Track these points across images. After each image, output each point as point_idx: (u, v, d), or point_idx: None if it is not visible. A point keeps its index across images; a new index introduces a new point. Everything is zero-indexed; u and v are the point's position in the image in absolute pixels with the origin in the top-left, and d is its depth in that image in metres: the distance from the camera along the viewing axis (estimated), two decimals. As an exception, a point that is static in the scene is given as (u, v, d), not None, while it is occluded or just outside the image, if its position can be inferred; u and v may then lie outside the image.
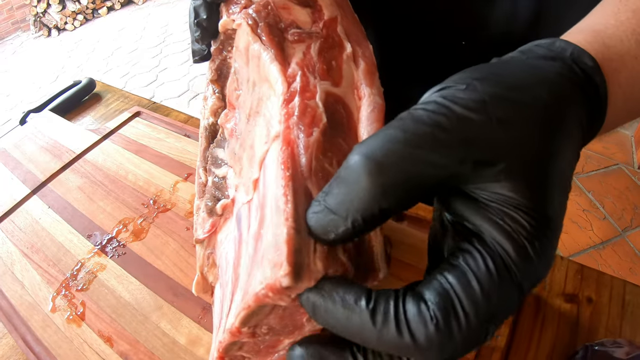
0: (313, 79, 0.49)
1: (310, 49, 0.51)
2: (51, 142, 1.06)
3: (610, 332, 0.67)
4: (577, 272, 0.74)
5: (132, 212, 0.86)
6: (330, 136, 0.46)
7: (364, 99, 0.49)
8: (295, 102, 0.47)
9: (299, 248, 0.38)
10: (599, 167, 3.04)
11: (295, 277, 0.38)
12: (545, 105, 0.35)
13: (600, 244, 2.55)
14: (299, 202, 0.41)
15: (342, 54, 0.52)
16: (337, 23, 0.54)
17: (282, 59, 0.50)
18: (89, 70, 5.06)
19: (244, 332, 0.47)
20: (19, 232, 0.87)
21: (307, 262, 0.39)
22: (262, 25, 0.52)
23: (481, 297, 0.32)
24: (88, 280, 0.76)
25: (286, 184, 0.42)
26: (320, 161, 0.44)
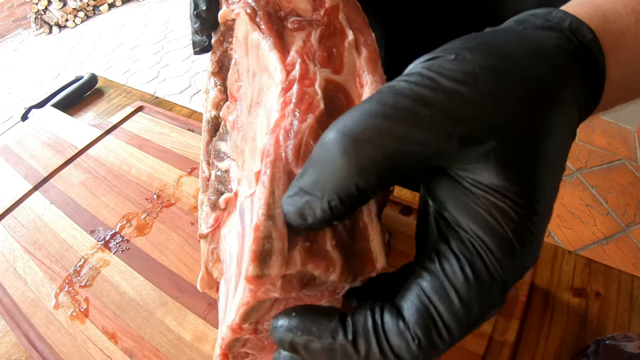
0: (313, 66, 0.48)
1: (311, 36, 0.51)
2: (53, 137, 1.06)
3: (619, 327, 0.66)
4: (585, 266, 0.74)
5: (135, 207, 0.85)
6: (327, 123, 0.45)
7: (366, 86, 0.48)
8: (294, 90, 0.46)
9: (268, 234, 0.38)
10: (602, 162, 3.04)
11: (261, 264, 0.37)
12: (541, 79, 0.33)
13: (603, 239, 2.55)
14: (275, 188, 0.40)
15: (343, 42, 0.51)
16: (339, 10, 0.54)
17: (282, 47, 0.50)
18: (91, 67, 5.05)
19: (246, 329, 0.47)
20: (21, 229, 0.86)
21: (280, 247, 0.38)
22: (260, 13, 0.52)
23: (461, 308, 0.31)
24: (91, 276, 0.75)
25: (264, 171, 0.42)
26: (311, 146, 0.43)
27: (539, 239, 0.33)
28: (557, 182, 0.35)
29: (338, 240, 0.40)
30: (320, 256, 0.39)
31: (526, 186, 0.32)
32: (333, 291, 0.45)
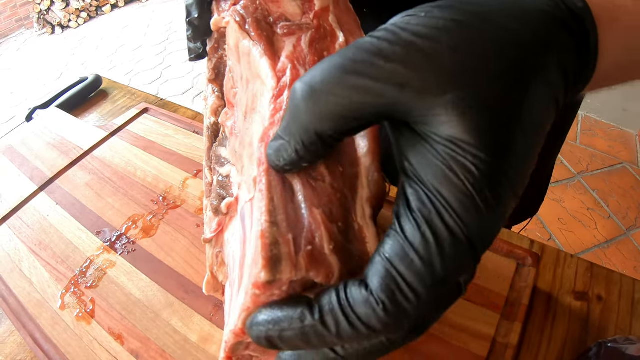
0: (304, 71, 0.48)
1: (301, 41, 0.51)
2: (58, 138, 1.06)
3: (621, 330, 0.67)
4: (587, 270, 0.74)
5: (141, 209, 0.86)
6: None
7: None
8: (284, 96, 0.47)
9: (275, 241, 0.39)
10: (603, 165, 3.04)
11: (272, 270, 0.38)
12: (518, 41, 0.33)
13: (604, 242, 2.55)
14: (274, 195, 0.41)
15: (334, 44, 0.51)
16: (329, 12, 0.54)
17: (272, 54, 0.50)
18: (93, 68, 5.06)
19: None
20: (27, 229, 0.86)
21: (288, 252, 0.39)
22: (249, 20, 0.52)
23: (423, 267, 0.31)
24: (97, 277, 0.76)
25: (260, 179, 0.42)
26: None
27: (508, 201, 0.32)
28: (531, 147, 0.33)
29: (336, 244, 0.41)
30: (320, 262, 0.40)
31: (488, 141, 0.31)
32: None
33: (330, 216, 0.42)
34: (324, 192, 0.43)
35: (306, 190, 0.42)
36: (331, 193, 0.43)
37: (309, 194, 0.42)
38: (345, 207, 0.43)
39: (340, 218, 0.42)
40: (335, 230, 0.41)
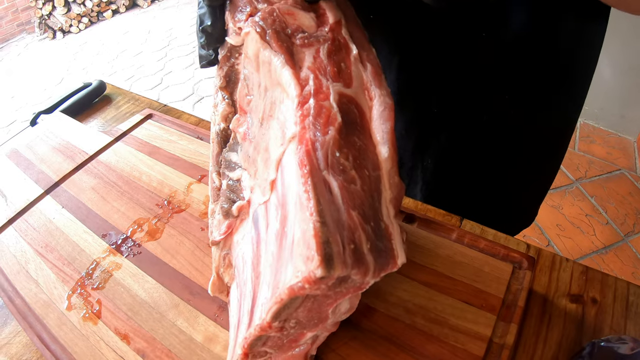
0: (325, 81, 0.51)
1: (320, 52, 0.53)
2: (63, 143, 1.07)
3: (615, 331, 0.68)
4: (582, 273, 0.76)
5: (146, 213, 0.87)
6: (346, 134, 0.48)
7: (375, 99, 0.51)
8: (310, 103, 0.49)
9: (326, 239, 0.41)
10: (601, 172, 3.05)
11: (328, 267, 0.40)
12: None
13: (602, 248, 2.56)
14: (320, 196, 0.43)
15: (349, 56, 0.54)
16: (342, 26, 0.56)
17: (293, 63, 0.52)
18: (94, 73, 5.07)
19: (274, 327, 0.49)
20: (33, 232, 0.87)
21: (338, 250, 0.41)
22: (270, 32, 0.54)
23: None
24: (104, 279, 0.77)
25: (305, 180, 0.44)
26: (337, 157, 0.46)
27: None
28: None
29: (372, 243, 0.44)
30: (361, 261, 0.43)
31: None
32: (359, 287, 0.49)
33: (364, 217, 0.45)
34: (357, 194, 0.45)
35: (342, 192, 0.45)
36: (363, 195, 0.46)
37: (346, 196, 0.44)
38: (373, 208, 0.47)
39: (371, 218, 0.45)
40: (369, 230, 0.44)
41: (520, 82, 0.84)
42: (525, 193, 1.07)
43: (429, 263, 0.72)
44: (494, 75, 0.83)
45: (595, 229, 2.68)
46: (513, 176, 0.99)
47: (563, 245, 2.55)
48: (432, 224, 0.78)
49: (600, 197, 2.88)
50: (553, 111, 0.90)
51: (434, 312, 0.67)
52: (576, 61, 0.85)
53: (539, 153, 0.98)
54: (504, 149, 0.94)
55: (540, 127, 0.92)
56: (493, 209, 1.04)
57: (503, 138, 0.92)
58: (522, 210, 1.11)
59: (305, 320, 0.52)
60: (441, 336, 0.64)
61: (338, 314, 0.54)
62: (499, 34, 0.79)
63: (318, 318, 0.53)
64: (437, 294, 0.69)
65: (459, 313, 0.66)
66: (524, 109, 0.88)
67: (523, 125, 0.90)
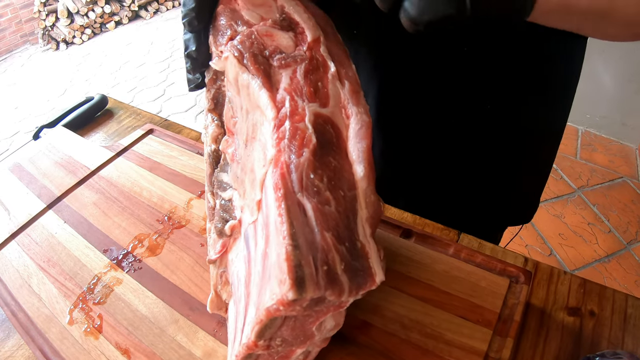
0: (301, 102, 0.51)
1: (297, 72, 0.53)
2: (65, 157, 1.08)
3: (613, 344, 0.68)
4: (580, 286, 0.76)
5: (147, 228, 0.88)
6: (321, 155, 0.49)
7: (352, 117, 0.52)
8: (286, 126, 0.50)
9: (298, 262, 0.42)
10: (603, 180, 3.05)
11: (299, 290, 0.41)
12: None
13: (605, 257, 2.56)
14: (294, 218, 0.44)
15: (327, 74, 0.54)
16: (320, 44, 0.57)
17: (270, 86, 0.53)
18: (97, 84, 5.08)
19: (260, 345, 0.50)
20: (35, 246, 0.88)
21: (310, 272, 0.42)
22: (247, 55, 0.54)
23: None
24: (105, 294, 0.77)
25: (279, 204, 0.45)
26: (311, 178, 0.47)
27: None
28: None
29: (346, 264, 0.44)
30: (335, 282, 0.43)
31: None
32: (339, 306, 0.49)
33: (338, 238, 0.45)
34: (332, 216, 0.46)
35: (317, 214, 0.45)
36: (337, 217, 0.46)
37: (319, 218, 0.45)
38: (349, 228, 0.47)
39: (346, 239, 0.46)
40: (344, 250, 0.45)
41: (502, 92, 0.85)
42: (514, 199, 1.08)
43: (425, 278, 0.73)
44: (476, 87, 0.84)
45: (597, 237, 2.68)
46: (501, 182, 1.00)
47: (565, 255, 2.55)
48: (429, 238, 0.79)
49: (602, 205, 2.88)
50: (537, 119, 0.91)
51: (430, 327, 0.67)
52: (557, 72, 0.86)
53: (525, 160, 0.99)
54: (489, 157, 0.95)
55: (524, 134, 0.94)
56: (480, 215, 1.05)
57: (487, 147, 0.93)
58: (514, 212, 1.12)
59: (291, 338, 0.53)
60: (437, 351, 0.65)
61: (324, 330, 0.55)
62: (481, 47, 0.79)
63: (304, 335, 0.54)
64: (433, 309, 0.69)
65: (455, 328, 0.67)
66: (507, 118, 0.88)
67: (507, 134, 0.91)
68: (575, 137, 3.47)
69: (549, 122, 0.95)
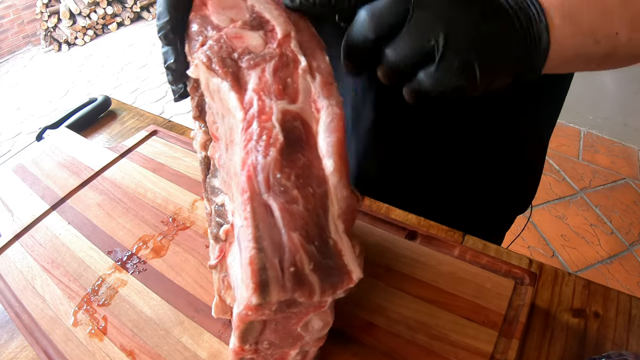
0: (269, 100, 0.50)
1: (265, 71, 0.53)
2: (69, 158, 1.08)
3: (617, 345, 0.69)
4: (584, 287, 0.76)
5: (151, 230, 0.88)
6: (288, 153, 0.48)
7: (322, 110, 0.51)
8: (254, 126, 0.49)
9: (263, 266, 0.42)
10: (605, 181, 3.05)
11: (263, 294, 0.41)
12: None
13: (607, 258, 2.56)
14: (260, 221, 0.44)
15: (297, 69, 0.53)
16: (291, 38, 0.56)
17: (239, 88, 0.52)
18: (99, 86, 5.09)
19: (247, 349, 0.51)
20: (39, 247, 0.88)
21: (275, 275, 0.42)
22: (215, 59, 0.54)
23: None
24: (109, 295, 0.77)
25: (244, 207, 0.45)
26: (278, 178, 0.46)
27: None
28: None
29: (315, 263, 0.44)
30: (303, 283, 0.43)
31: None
32: (318, 306, 0.49)
33: (307, 237, 0.44)
34: (300, 215, 0.45)
35: (283, 214, 0.45)
36: (305, 215, 0.45)
37: (286, 218, 0.44)
38: (319, 225, 0.46)
39: (316, 237, 0.45)
40: (313, 250, 0.44)
41: (492, 107, 0.85)
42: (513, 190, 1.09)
43: (430, 279, 0.73)
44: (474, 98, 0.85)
45: (600, 238, 2.68)
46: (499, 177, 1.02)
47: (568, 256, 2.55)
48: (434, 240, 0.79)
49: (604, 206, 2.88)
50: (532, 117, 0.92)
51: (435, 329, 0.67)
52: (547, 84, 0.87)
53: (521, 154, 1.02)
54: (487, 156, 0.97)
55: (513, 142, 0.96)
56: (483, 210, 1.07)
57: (485, 147, 0.94)
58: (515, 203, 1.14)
59: (278, 340, 0.53)
60: (442, 352, 0.65)
61: (313, 331, 0.55)
62: None
63: (291, 337, 0.54)
64: (438, 310, 0.69)
65: (460, 329, 0.67)
66: (504, 120, 0.89)
67: (505, 134, 0.92)
68: (577, 138, 3.47)
69: (544, 118, 0.96)
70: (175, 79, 0.64)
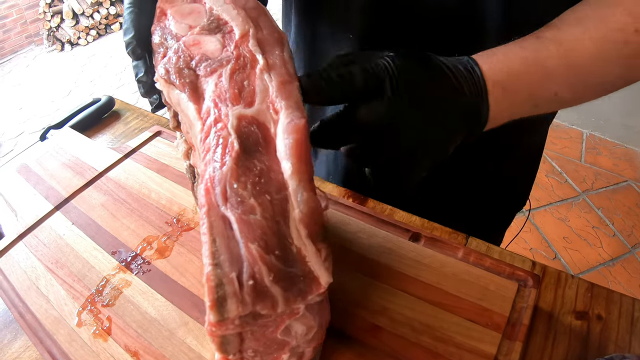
0: (225, 107, 0.50)
1: (222, 76, 0.52)
2: (73, 159, 1.08)
3: (620, 348, 0.69)
4: (587, 290, 0.76)
5: (156, 230, 0.88)
6: (244, 160, 0.47)
7: (281, 112, 0.50)
8: (210, 136, 0.48)
9: (219, 282, 0.41)
10: (608, 184, 3.05)
11: (220, 310, 0.41)
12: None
13: (609, 260, 2.56)
14: (217, 235, 0.43)
15: (255, 69, 0.53)
16: (249, 38, 0.55)
17: (196, 98, 0.52)
18: (102, 86, 5.09)
19: (232, 359, 0.50)
20: (43, 248, 0.88)
21: (233, 291, 0.41)
22: (172, 71, 0.53)
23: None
24: (113, 296, 0.77)
25: (202, 222, 0.45)
26: (234, 188, 0.45)
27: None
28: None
29: (275, 274, 0.43)
30: (264, 295, 0.42)
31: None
32: (291, 313, 0.48)
33: (266, 248, 0.44)
34: (258, 224, 0.44)
35: (241, 225, 0.44)
36: (264, 225, 0.45)
37: (244, 229, 0.44)
38: (279, 233, 0.45)
39: (276, 246, 0.44)
40: (272, 260, 0.43)
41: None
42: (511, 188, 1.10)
43: (434, 281, 0.73)
44: None
45: (602, 241, 2.68)
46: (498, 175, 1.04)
47: (570, 258, 2.55)
48: (438, 242, 0.79)
49: (606, 208, 2.88)
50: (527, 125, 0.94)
51: (440, 331, 0.67)
52: None
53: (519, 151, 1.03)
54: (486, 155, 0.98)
55: (513, 140, 0.98)
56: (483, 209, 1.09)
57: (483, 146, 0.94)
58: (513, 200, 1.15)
59: (262, 348, 0.52)
60: (446, 354, 0.65)
61: (297, 335, 0.53)
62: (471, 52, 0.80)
63: (276, 344, 0.52)
64: (442, 313, 0.69)
65: (464, 331, 0.67)
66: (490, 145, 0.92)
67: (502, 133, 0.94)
68: (579, 140, 3.47)
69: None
70: (147, 92, 0.64)
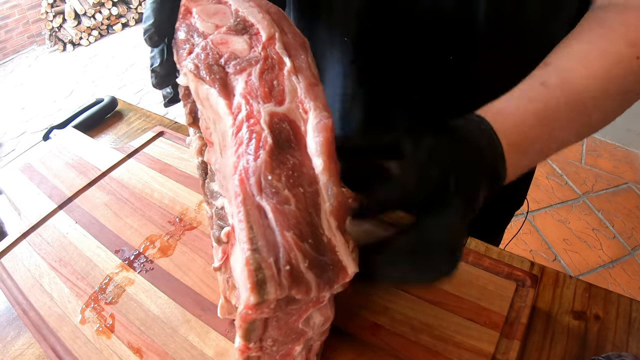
0: (256, 104, 0.51)
1: (251, 75, 0.53)
2: (76, 158, 1.09)
3: (617, 347, 0.69)
4: (585, 290, 0.77)
5: (158, 230, 0.89)
6: (277, 154, 0.49)
7: (310, 112, 0.51)
8: (243, 131, 0.50)
9: (258, 266, 0.43)
10: (608, 186, 3.06)
11: (260, 293, 0.42)
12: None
13: (609, 262, 2.56)
14: (253, 222, 0.45)
15: (282, 71, 0.54)
16: (275, 41, 0.56)
17: (226, 94, 0.53)
18: (104, 86, 5.09)
19: (252, 347, 0.51)
20: (47, 246, 0.89)
21: (271, 275, 0.43)
22: (202, 67, 0.54)
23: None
24: (117, 294, 0.78)
25: (238, 210, 0.46)
26: (269, 180, 0.47)
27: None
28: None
29: (310, 260, 0.45)
30: (299, 280, 0.44)
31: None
32: (317, 301, 0.50)
33: (300, 236, 0.45)
34: (292, 214, 0.46)
35: (276, 215, 0.45)
36: (298, 215, 0.46)
37: (279, 218, 0.45)
38: (312, 224, 0.47)
39: (309, 235, 0.46)
40: (307, 247, 0.45)
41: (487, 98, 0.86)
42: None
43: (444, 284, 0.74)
44: (464, 96, 0.85)
45: (602, 243, 2.68)
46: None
47: (570, 260, 2.55)
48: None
49: (607, 211, 2.88)
50: None
51: (439, 330, 0.68)
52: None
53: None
54: None
55: None
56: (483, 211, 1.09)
57: None
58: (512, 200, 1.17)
59: (281, 337, 0.54)
60: (445, 353, 0.66)
61: (315, 326, 0.56)
62: (467, 56, 0.80)
63: (294, 333, 0.55)
64: (442, 312, 0.70)
65: (463, 330, 0.68)
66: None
67: None
68: (580, 142, 3.47)
69: None
70: (159, 83, 0.65)
